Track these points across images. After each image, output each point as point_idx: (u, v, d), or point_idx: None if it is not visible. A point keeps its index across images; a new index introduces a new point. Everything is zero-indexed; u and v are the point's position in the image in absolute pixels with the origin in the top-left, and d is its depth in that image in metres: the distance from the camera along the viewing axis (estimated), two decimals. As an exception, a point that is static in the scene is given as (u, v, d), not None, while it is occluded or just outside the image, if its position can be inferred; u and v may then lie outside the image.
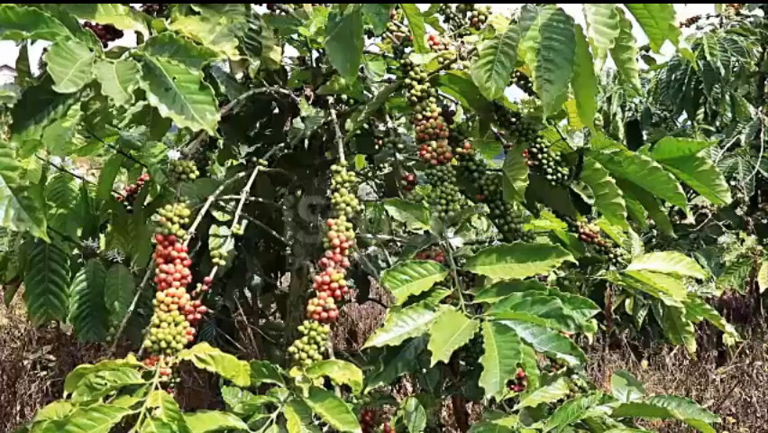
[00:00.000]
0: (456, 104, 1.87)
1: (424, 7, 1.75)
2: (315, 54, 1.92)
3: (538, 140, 1.68)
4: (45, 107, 1.12)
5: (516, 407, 1.34)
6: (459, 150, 1.65)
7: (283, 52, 1.87)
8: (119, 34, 1.42)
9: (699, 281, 2.87)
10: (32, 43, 1.35)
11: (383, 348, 1.35)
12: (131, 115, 1.98)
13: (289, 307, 1.94)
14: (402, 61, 1.64)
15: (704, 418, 1.41)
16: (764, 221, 4.37)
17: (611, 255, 1.78)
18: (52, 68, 1.03)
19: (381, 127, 1.93)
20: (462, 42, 1.68)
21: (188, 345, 1.29)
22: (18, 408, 3.00)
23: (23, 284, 1.99)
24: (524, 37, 1.27)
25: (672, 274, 1.71)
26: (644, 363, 3.73)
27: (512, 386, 1.48)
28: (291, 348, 1.29)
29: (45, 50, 1.35)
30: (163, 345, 1.25)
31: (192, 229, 1.44)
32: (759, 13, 4.60)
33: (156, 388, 1.19)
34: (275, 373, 1.29)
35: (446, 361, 1.19)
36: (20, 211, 1.10)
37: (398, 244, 2.10)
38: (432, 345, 1.20)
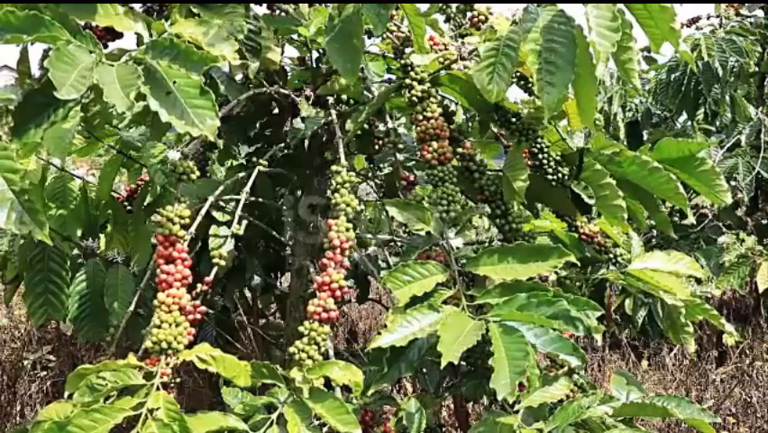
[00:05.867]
0: (456, 104, 1.87)
1: (424, 7, 1.75)
2: (315, 54, 1.92)
3: (538, 140, 1.68)
4: (46, 110, 1.12)
5: (516, 407, 1.34)
6: (459, 150, 1.65)
7: (283, 53, 1.87)
8: (119, 35, 1.42)
9: (698, 281, 2.87)
10: (32, 44, 1.35)
11: (387, 349, 1.34)
12: (131, 115, 1.98)
13: (289, 307, 1.94)
14: (402, 62, 1.64)
15: (704, 418, 1.41)
16: (764, 221, 4.37)
17: (611, 255, 1.78)
18: (54, 74, 1.03)
19: (381, 127, 1.93)
20: (463, 43, 1.68)
21: (189, 346, 1.29)
22: (18, 408, 3.00)
23: (23, 284, 1.99)
24: (525, 39, 1.27)
25: (672, 273, 1.71)
26: (644, 363, 3.73)
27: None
28: (291, 349, 1.29)
29: (45, 51, 1.35)
30: (164, 345, 1.25)
31: (192, 230, 1.44)
32: (759, 13, 4.59)
33: (157, 389, 1.19)
34: (275, 373, 1.29)
35: (456, 362, 1.19)
36: (22, 214, 1.10)
37: (399, 244, 2.10)
38: (441, 346, 1.20)
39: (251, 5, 1.57)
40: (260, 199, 1.85)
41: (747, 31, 4.36)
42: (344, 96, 1.83)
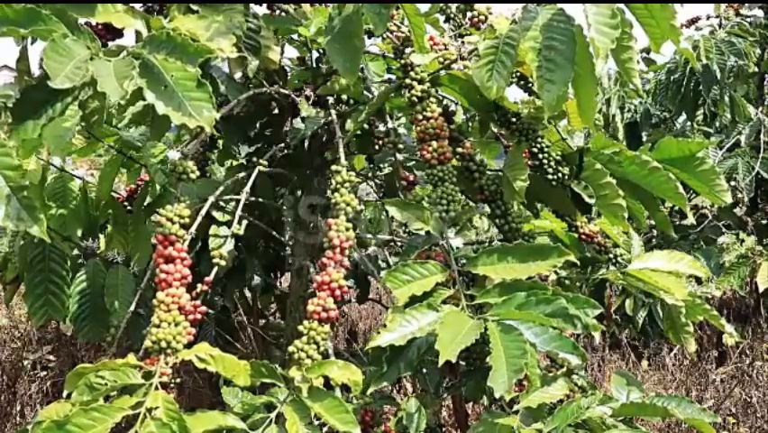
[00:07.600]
0: (456, 104, 1.87)
1: (424, 7, 1.75)
2: (315, 54, 1.92)
3: (538, 140, 1.68)
4: (43, 105, 1.12)
5: (516, 407, 1.34)
6: (459, 150, 1.65)
7: (283, 52, 1.87)
8: (119, 34, 1.42)
9: (699, 282, 2.87)
10: (32, 43, 1.35)
11: (386, 348, 1.34)
12: (131, 115, 1.98)
13: (289, 307, 1.94)
14: (402, 61, 1.64)
15: (704, 418, 1.40)
16: (764, 221, 4.37)
17: (611, 255, 1.78)
18: (48, 63, 1.03)
19: (381, 127, 1.93)
20: (463, 43, 1.68)
21: (188, 346, 1.28)
22: (18, 408, 3.00)
23: (23, 285, 1.99)
24: (524, 37, 1.27)
25: (672, 273, 1.71)
26: (644, 363, 3.73)
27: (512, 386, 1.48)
28: (291, 348, 1.29)
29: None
30: (163, 345, 1.24)
31: (192, 229, 1.44)
32: (759, 13, 4.60)
33: (156, 388, 1.18)
34: (274, 373, 1.29)
35: (454, 360, 1.19)
36: (19, 211, 1.10)
37: (399, 244, 2.10)
38: (439, 345, 1.20)
39: (251, 5, 1.57)
40: (260, 199, 1.85)
41: (746, 31, 4.36)
42: (344, 96, 1.83)
